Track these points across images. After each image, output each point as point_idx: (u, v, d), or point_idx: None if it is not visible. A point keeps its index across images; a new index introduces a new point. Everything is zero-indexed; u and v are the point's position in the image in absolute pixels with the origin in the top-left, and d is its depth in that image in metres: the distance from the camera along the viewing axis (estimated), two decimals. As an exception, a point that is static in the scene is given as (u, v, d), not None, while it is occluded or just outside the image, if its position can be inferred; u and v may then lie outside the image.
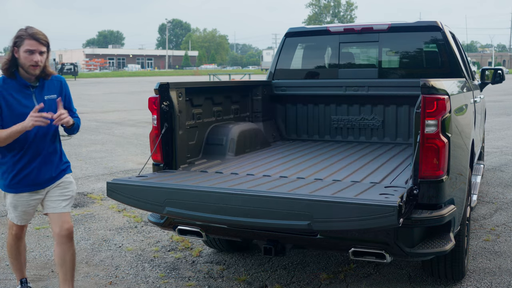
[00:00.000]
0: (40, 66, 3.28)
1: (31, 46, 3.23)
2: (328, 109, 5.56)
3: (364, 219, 2.70)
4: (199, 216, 3.09)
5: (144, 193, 3.20)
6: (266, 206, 2.92)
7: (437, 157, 3.04)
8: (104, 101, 24.50)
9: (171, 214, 3.16)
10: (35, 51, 3.24)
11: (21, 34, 3.25)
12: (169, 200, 3.12)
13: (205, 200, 3.06)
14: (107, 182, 3.31)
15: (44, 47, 3.29)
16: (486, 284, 3.94)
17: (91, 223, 5.65)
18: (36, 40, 3.24)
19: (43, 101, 3.33)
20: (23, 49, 3.23)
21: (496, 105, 19.75)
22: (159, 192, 3.17)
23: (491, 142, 10.76)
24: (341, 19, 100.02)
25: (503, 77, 6.36)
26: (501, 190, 6.81)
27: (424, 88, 3.04)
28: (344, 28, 5.48)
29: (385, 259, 3.12)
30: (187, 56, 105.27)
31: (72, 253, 3.50)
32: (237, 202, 2.98)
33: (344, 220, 2.75)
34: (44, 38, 3.28)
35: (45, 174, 3.42)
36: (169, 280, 4.14)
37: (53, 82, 3.45)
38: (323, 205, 2.81)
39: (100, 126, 14.36)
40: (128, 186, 3.26)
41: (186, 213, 3.10)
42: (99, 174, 8.18)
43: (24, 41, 3.23)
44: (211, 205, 3.04)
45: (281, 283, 4.03)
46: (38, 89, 3.36)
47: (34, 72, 3.28)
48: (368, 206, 2.70)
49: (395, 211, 2.64)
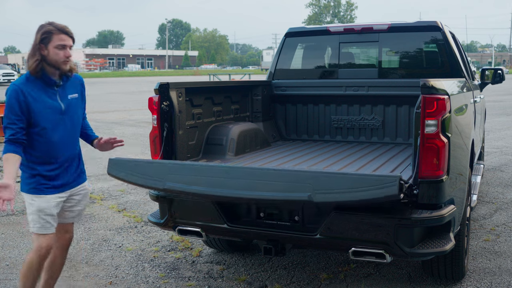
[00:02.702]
0: (70, 61, 3.18)
1: (63, 41, 3.10)
2: (328, 109, 5.55)
3: (365, 189, 2.66)
4: (199, 190, 3.02)
5: (145, 169, 3.17)
6: (266, 178, 2.88)
7: (437, 157, 3.04)
8: (104, 101, 24.50)
9: (171, 189, 3.09)
10: (67, 45, 3.13)
11: (49, 29, 3.08)
12: (170, 175, 3.07)
13: (206, 174, 3.03)
14: (109, 159, 3.27)
15: (72, 41, 3.18)
16: (486, 284, 3.94)
17: (91, 223, 5.65)
18: (66, 34, 3.13)
19: (66, 100, 3.23)
20: (53, 44, 3.08)
21: (496, 105, 19.75)
22: (160, 167, 3.15)
23: (491, 142, 10.76)
24: (341, 19, 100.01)
25: (503, 77, 6.36)
26: (501, 190, 6.81)
27: (424, 88, 3.04)
28: (344, 28, 5.48)
29: (385, 259, 3.12)
30: (187, 56, 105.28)
31: (62, 263, 3.45)
32: (237, 175, 2.97)
33: (344, 191, 2.71)
34: (71, 32, 3.17)
35: (70, 176, 3.29)
36: (169, 280, 4.14)
37: (75, 81, 3.34)
38: (324, 176, 2.80)
39: (100, 126, 14.35)
40: (130, 162, 3.23)
41: (186, 188, 3.04)
42: (99, 174, 8.18)
43: (53, 36, 3.08)
44: (212, 179, 3.00)
45: (281, 283, 4.04)
46: (61, 88, 3.23)
47: (66, 68, 3.16)
48: (370, 177, 2.70)
49: (396, 181, 2.62)
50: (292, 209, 3.40)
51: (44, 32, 3.08)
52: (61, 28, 3.11)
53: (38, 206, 3.17)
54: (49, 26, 3.09)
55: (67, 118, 3.22)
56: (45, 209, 3.17)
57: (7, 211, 3.22)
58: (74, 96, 3.29)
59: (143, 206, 6.28)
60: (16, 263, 4.52)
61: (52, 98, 3.16)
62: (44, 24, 3.12)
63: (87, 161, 9.12)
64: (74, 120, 3.27)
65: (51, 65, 3.12)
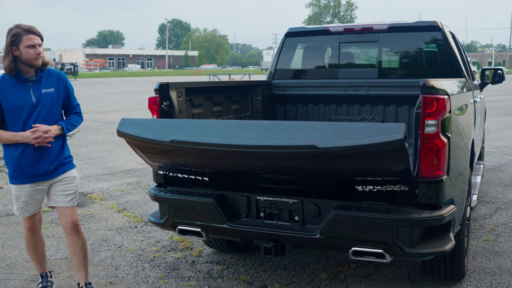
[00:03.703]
0: (41, 57, 3.46)
1: (31, 40, 3.40)
2: (328, 109, 5.55)
3: (372, 136, 2.68)
4: (204, 142, 3.03)
5: (153, 125, 3.28)
6: (273, 129, 2.93)
7: (437, 157, 3.04)
8: (104, 101, 24.50)
9: (175, 142, 3.11)
10: (36, 44, 3.42)
11: (17, 32, 3.39)
12: (176, 129, 3.13)
13: (212, 127, 3.12)
14: (121, 118, 3.36)
15: (40, 39, 3.48)
16: (486, 284, 3.94)
17: (91, 223, 5.65)
18: (34, 33, 3.43)
19: (40, 94, 3.50)
20: (23, 45, 3.38)
21: (496, 105, 19.76)
22: (167, 124, 3.26)
23: (491, 142, 10.76)
24: (341, 19, 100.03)
25: (503, 77, 6.37)
26: (501, 190, 6.81)
27: (424, 88, 3.04)
28: (344, 28, 5.48)
29: (385, 259, 3.12)
30: (187, 56, 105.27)
31: (82, 243, 3.71)
32: (244, 128, 3.04)
33: (352, 138, 2.72)
34: (38, 31, 3.48)
35: (42, 167, 3.54)
36: (169, 280, 4.14)
37: (51, 76, 3.60)
38: (333, 126, 2.85)
39: (100, 126, 14.36)
40: (139, 120, 3.35)
41: (191, 140, 3.06)
42: (99, 174, 8.18)
43: (22, 37, 3.38)
44: (217, 131, 3.06)
45: (281, 283, 4.04)
46: (35, 83, 3.51)
47: (38, 63, 3.45)
48: (377, 125, 2.72)
49: (402, 128, 2.63)
50: (293, 209, 3.40)
51: (13, 35, 3.39)
52: (28, 29, 3.42)
53: (14, 193, 3.62)
54: (17, 29, 3.40)
55: (39, 110, 3.49)
56: (20, 197, 3.59)
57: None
58: (49, 91, 3.55)
59: (143, 206, 6.28)
60: (16, 263, 4.52)
61: (25, 93, 3.46)
62: (12, 27, 3.43)
63: (87, 161, 9.18)
64: (47, 112, 3.53)
65: (25, 63, 3.43)
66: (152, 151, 3.35)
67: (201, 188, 3.65)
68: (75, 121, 3.72)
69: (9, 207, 6.11)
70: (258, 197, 3.48)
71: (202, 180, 3.58)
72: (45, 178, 3.58)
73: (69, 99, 3.69)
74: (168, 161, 3.46)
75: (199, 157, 3.27)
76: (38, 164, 3.53)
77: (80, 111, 3.80)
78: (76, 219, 3.68)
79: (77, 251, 3.71)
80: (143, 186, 7.30)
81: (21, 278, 4.22)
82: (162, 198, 3.68)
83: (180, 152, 3.21)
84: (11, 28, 3.42)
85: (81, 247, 3.71)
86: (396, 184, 2.99)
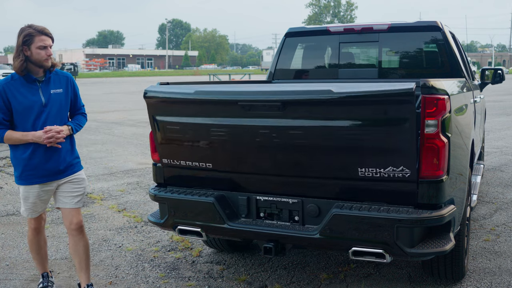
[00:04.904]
0: (51, 58, 3.49)
1: (43, 42, 3.42)
2: None
3: (384, 86, 2.89)
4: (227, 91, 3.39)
5: (176, 88, 3.53)
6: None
7: (437, 157, 3.04)
8: (104, 101, 24.50)
9: (199, 93, 3.35)
10: (47, 45, 3.44)
11: (29, 32, 3.39)
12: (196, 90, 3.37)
13: (224, 87, 3.53)
14: (148, 87, 3.57)
15: (51, 41, 3.50)
16: (486, 284, 3.94)
17: (91, 223, 5.65)
18: (46, 35, 3.44)
19: (49, 95, 3.51)
20: (35, 45, 3.39)
21: (496, 105, 19.76)
22: (189, 87, 3.49)
23: (491, 142, 10.76)
24: (341, 19, 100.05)
25: (503, 77, 6.36)
26: (501, 190, 6.81)
27: (424, 88, 3.04)
28: (344, 28, 5.47)
29: (385, 259, 3.12)
30: (187, 56, 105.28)
31: (84, 244, 3.72)
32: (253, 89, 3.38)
33: (365, 87, 2.93)
34: (50, 32, 3.50)
35: (52, 167, 3.55)
36: (169, 280, 4.15)
37: (60, 77, 3.62)
38: (348, 84, 3.09)
39: (100, 126, 14.36)
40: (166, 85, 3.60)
41: (214, 90, 3.40)
42: (99, 174, 8.19)
43: (35, 38, 3.39)
44: (228, 90, 3.41)
45: (281, 283, 4.04)
46: (44, 84, 3.52)
47: (48, 64, 3.48)
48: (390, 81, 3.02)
49: (413, 83, 2.83)
50: (293, 209, 3.40)
51: (26, 35, 3.39)
52: (40, 30, 3.43)
53: (22, 194, 3.62)
54: (30, 29, 3.40)
55: (48, 111, 3.49)
56: (29, 198, 3.59)
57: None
58: (58, 91, 3.56)
59: (143, 206, 6.29)
60: (16, 263, 4.52)
61: (34, 93, 3.47)
62: (25, 27, 3.43)
63: (87, 161, 9.17)
64: (56, 112, 3.54)
65: (35, 63, 3.43)
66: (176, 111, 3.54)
67: (201, 189, 3.65)
68: (82, 121, 3.76)
69: (9, 207, 6.10)
70: (258, 197, 3.48)
71: (202, 178, 3.59)
72: (54, 178, 3.59)
73: (75, 100, 3.72)
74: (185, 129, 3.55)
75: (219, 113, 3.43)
76: (48, 164, 3.53)
77: (85, 111, 3.83)
78: (80, 221, 3.70)
79: (79, 252, 3.71)
80: (143, 186, 7.30)
81: (21, 278, 4.22)
82: (162, 198, 3.68)
83: (202, 107, 3.39)
84: (23, 28, 3.42)
85: (83, 248, 3.72)
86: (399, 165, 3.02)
